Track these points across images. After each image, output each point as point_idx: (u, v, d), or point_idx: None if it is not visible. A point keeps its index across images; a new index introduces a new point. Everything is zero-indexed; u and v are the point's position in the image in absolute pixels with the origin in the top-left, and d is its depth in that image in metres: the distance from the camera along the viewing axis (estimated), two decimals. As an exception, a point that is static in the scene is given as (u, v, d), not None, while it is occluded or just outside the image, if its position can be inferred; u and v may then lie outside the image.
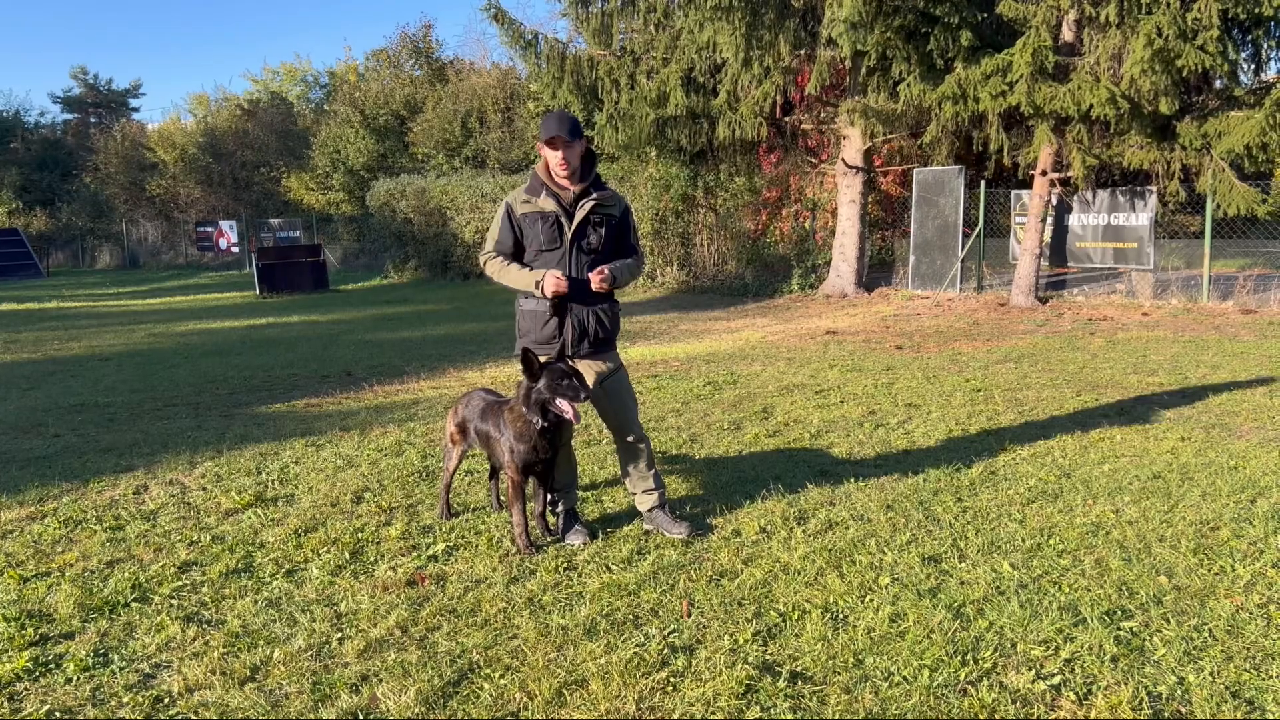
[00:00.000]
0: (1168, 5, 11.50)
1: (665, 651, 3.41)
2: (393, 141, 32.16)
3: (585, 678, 3.23)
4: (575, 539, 4.54)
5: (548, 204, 4.40)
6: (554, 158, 4.32)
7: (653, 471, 4.67)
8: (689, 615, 3.71)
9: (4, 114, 50.96)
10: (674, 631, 3.57)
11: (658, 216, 19.29)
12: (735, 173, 18.84)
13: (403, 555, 4.46)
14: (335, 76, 41.42)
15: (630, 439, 4.62)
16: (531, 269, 4.41)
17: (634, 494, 4.73)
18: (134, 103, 57.14)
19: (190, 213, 40.08)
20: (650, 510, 4.67)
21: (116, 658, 3.50)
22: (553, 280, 4.28)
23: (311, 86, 44.96)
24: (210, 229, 36.85)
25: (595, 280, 4.29)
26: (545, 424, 4.30)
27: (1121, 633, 3.46)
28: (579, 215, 4.37)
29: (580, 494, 5.10)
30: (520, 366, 4.29)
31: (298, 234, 33.11)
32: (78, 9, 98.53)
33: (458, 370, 10.07)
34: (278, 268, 22.30)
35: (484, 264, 4.59)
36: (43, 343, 13.85)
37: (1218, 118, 12.35)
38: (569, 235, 4.38)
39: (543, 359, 4.27)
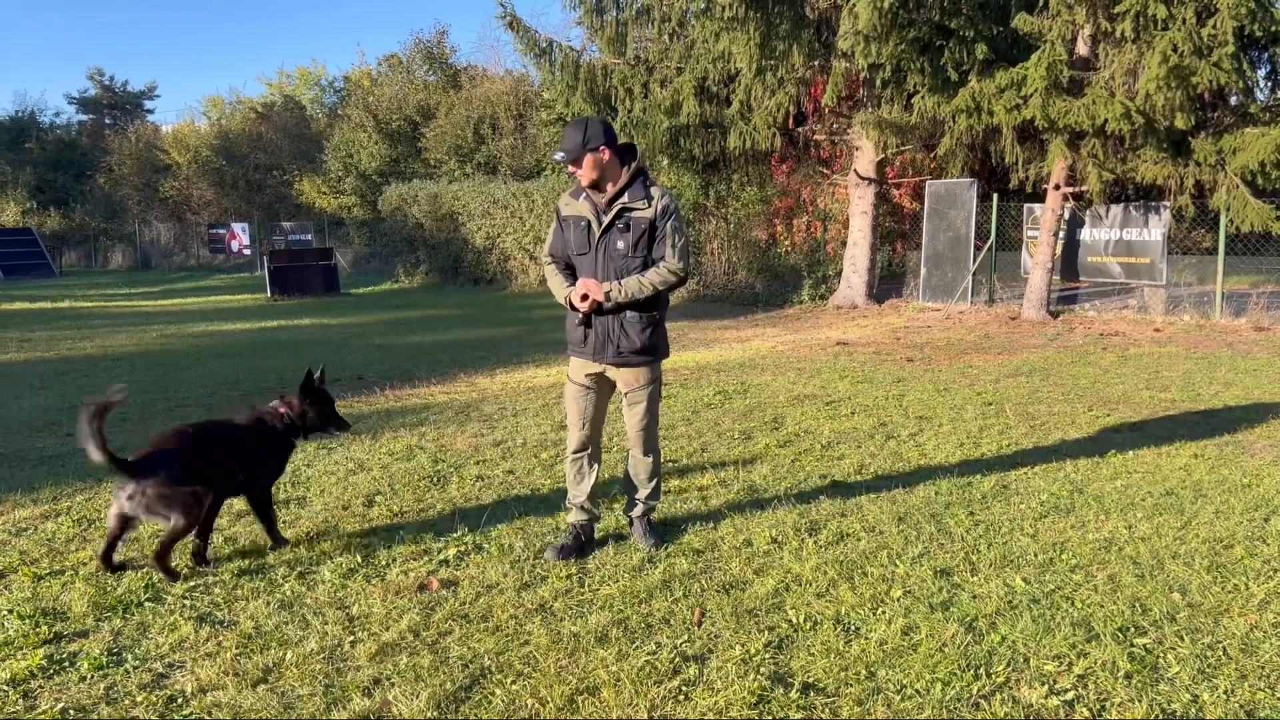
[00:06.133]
0: (1183, 22, 11.48)
1: (677, 660, 3.41)
2: (405, 147, 32.27)
3: (597, 685, 3.23)
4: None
5: (584, 207, 4.42)
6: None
7: (652, 484, 4.66)
8: (700, 624, 3.71)
9: (20, 114, 51.31)
10: (686, 640, 3.57)
11: (669, 225, 19.31)
12: (747, 182, 18.86)
13: (414, 560, 4.47)
14: (349, 81, 41.59)
15: (638, 453, 4.62)
16: (574, 279, 4.45)
17: (626, 497, 4.79)
18: (149, 105, 57.50)
19: (203, 215, 40.26)
20: (634, 517, 4.71)
21: (130, 657, 3.51)
22: (577, 299, 4.34)
23: (325, 91, 45.19)
24: (222, 231, 36.99)
25: (578, 298, 4.31)
26: None
27: (1135, 649, 3.45)
28: (606, 219, 4.36)
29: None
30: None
31: (309, 237, 33.21)
32: (95, 11, 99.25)
33: (469, 375, 10.09)
34: (289, 271, 22.37)
35: (543, 266, 4.72)
36: (55, 342, 13.92)
37: (1233, 134, 12.32)
38: (596, 239, 4.38)
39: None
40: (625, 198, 4.34)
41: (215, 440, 4.52)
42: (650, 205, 4.34)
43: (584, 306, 4.33)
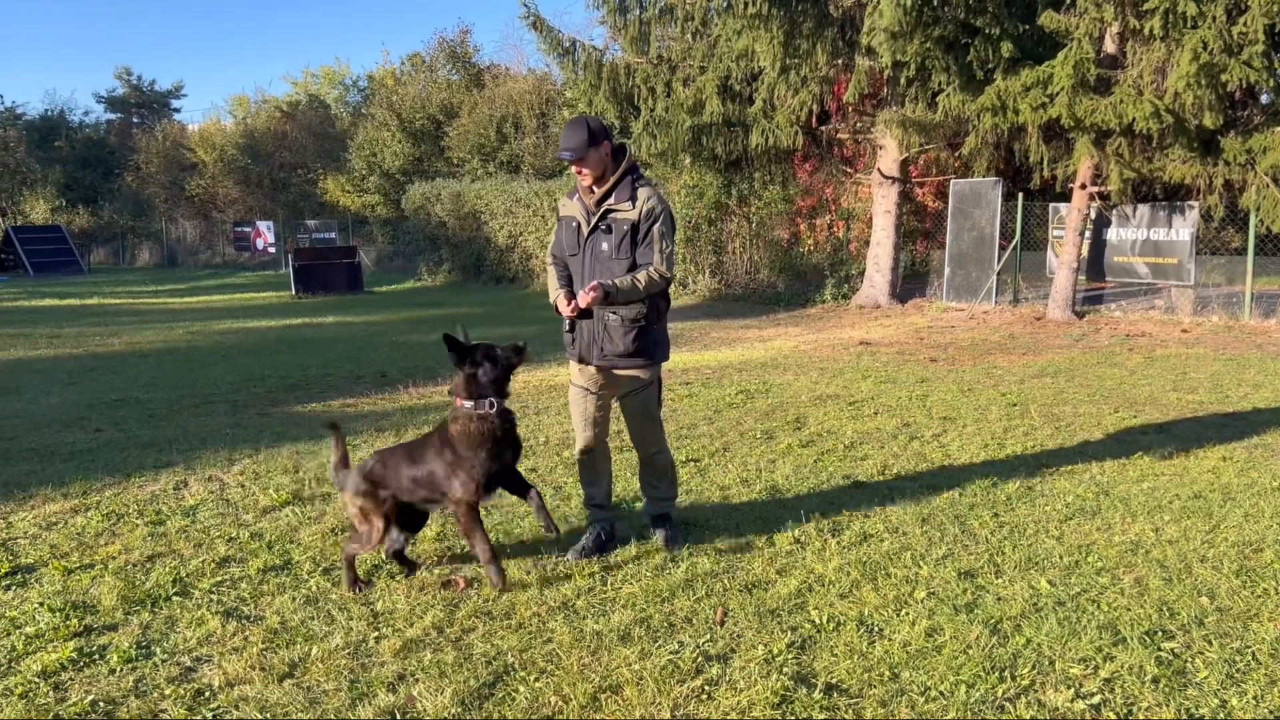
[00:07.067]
0: (1213, 19, 11.35)
1: (699, 659, 3.41)
2: (428, 145, 32.39)
3: (620, 683, 3.24)
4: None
5: (575, 208, 4.45)
6: (574, 171, 4.37)
7: (663, 482, 4.65)
8: (723, 624, 3.71)
9: (50, 113, 51.95)
10: (708, 640, 3.57)
11: (690, 224, 19.33)
12: (769, 181, 18.80)
13: (437, 556, 4.49)
14: (373, 80, 41.81)
15: (644, 454, 4.61)
16: (570, 282, 4.47)
17: (644, 497, 4.78)
18: (175, 103, 58.02)
19: (228, 213, 40.61)
20: (653, 515, 4.71)
21: (158, 650, 3.56)
22: (563, 305, 4.38)
23: (349, 90, 45.42)
24: (247, 229, 37.29)
25: (582, 298, 4.24)
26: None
27: (1162, 653, 3.41)
28: (593, 220, 4.36)
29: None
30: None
31: (333, 235, 33.41)
32: (123, 11, 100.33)
33: (491, 374, 10.10)
34: (313, 268, 22.52)
35: (545, 266, 4.69)
36: (84, 338, 14.09)
37: (1263, 133, 12.16)
38: (584, 240, 4.39)
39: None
40: (612, 199, 4.34)
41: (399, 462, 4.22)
42: (634, 207, 4.31)
43: (567, 311, 4.34)
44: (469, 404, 4.04)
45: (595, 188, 4.36)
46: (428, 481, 4.08)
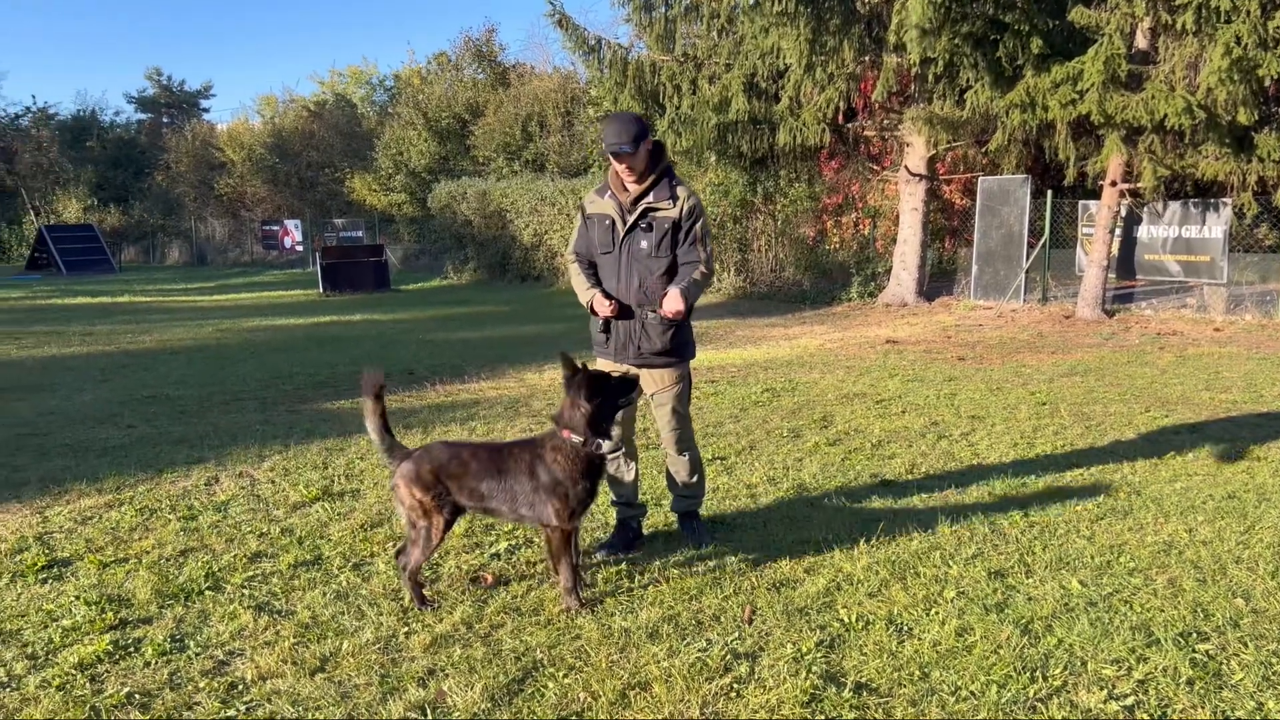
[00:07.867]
0: (1247, 14, 11.18)
1: (728, 657, 3.41)
2: (454, 144, 32.52)
3: (648, 680, 3.24)
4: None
5: (609, 206, 4.41)
6: (618, 166, 4.32)
7: (694, 481, 4.63)
8: (751, 622, 3.70)
9: (81, 113, 52.70)
10: (736, 638, 3.56)
11: (716, 222, 19.29)
12: (795, 179, 18.73)
13: (466, 553, 4.52)
14: (399, 79, 42.03)
15: (672, 453, 4.60)
16: (598, 281, 4.45)
17: (671, 495, 4.78)
18: (204, 103, 58.71)
19: (256, 211, 40.98)
20: (681, 513, 4.72)
21: (192, 644, 3.60)
22: (600, 306, 4.35)
23: (376, 89, 45.68)
24: (276, 228, 37.64)
25: (665, 312, 4.23)
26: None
27: (1197, 655, 3.37)
28: (631, 219, 4.33)
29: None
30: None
31: (360, 234, 33.66)
32: (153, 12, 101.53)
33: (517, 371, 10.16)
34: (341, 267, 22.68)
35: (566, 264, 4.59)
36: (116, 336, 14.26)
37: (1298, 129, 11.99)
38: (620, 238, 4.36)
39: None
40: (650, 197, 4.30)
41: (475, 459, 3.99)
42: (675, 205, 4.29)
43: (606, 311, 4.33)
44: (578, 439, 3.86)
45: (631, 185, 4.34)
46: (510, 496, 3.91)
